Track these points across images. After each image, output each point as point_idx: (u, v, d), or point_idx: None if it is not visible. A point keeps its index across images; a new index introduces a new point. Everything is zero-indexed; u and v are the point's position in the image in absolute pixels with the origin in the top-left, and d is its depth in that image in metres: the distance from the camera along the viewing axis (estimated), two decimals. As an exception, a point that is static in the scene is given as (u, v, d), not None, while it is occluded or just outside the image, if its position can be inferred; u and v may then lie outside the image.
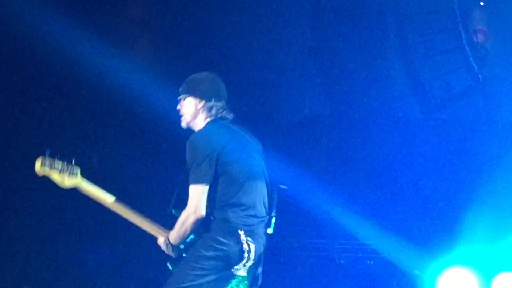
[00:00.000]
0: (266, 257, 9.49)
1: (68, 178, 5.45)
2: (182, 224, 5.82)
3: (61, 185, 5.44)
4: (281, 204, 9.44)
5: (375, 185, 9.68)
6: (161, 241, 6.00)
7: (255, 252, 5.89)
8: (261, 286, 9.53)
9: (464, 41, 9.65)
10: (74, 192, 9.96)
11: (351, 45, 9.72)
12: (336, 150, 9.79)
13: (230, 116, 6.17)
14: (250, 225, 5.90)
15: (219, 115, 6.10)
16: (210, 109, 6.08)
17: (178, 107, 6.17)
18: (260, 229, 5.97)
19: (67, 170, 5.39)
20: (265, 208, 6.05)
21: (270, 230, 6.06)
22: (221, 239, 5.78)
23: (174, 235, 5.89)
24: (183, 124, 6.18)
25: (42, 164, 5.34)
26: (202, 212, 5.79)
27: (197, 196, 5.78)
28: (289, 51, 9.89)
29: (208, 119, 6.11)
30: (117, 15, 10.26)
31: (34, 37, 9.62)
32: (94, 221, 10.09)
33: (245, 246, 5.83)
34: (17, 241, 10.18)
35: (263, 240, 5.99)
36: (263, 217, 6.01)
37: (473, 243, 8.99)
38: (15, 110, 10.09)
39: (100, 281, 10.06)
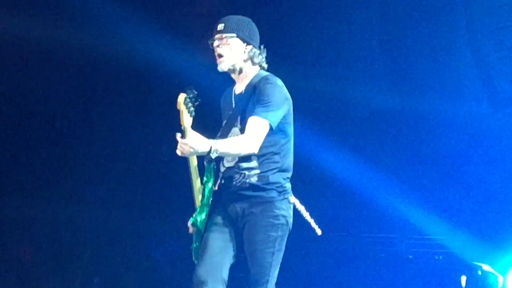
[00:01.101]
0: (335, 252, 9.62)
1: (189, 118, 5.05)
2: (239, 144, 5.26)
3: (182, 124, 5.04)
4: (350, 198, 9.56)
5: (443, 180, 9.60)
6: (204, 142, 5.10)
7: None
8: (331, 280, 9.62)
9: (535, 36, 9.51)
10: (141, 185, 10.19)
11: (420, 40, 9.66)
12: (405, 145, 9.74)
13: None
14: (290, 188, 5.54)
15: (262, 64, 5.56)
16: (257, 56, 5.51)
17: (216, 44, 5.49)
18: None
19: (191, 110, 5.03)
20: None
21: None
22: (280, 212, 5.39)
23: (226, 146, 5.20)
24: (223, 67, 5.48)
25: (185, 102, 4.97)
26: (255, 150, 5.28)
27: (262, 132, 5.28)
28: (357, 45, 9.87)
29: (255, 67, 5.55)
30: (185, 11, 10.35)
31: (103, 35, 9.80)
32: (161, 215, 10.21)
33: (298, 207, 5.50)
34: (87, 234, 10.35)
35: None
36: None
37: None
38: (89, 105, 10.28)
39: (167, 274, 10.17)
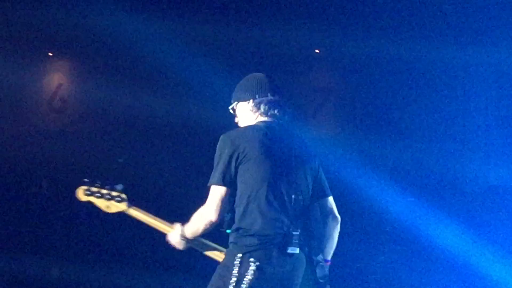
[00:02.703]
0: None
1: (115, 205, 5.21)
2: (195, 222, 5.37)
3: (106, 211, 5.24)
4: (466, 274, 9.42)
5: None
6: (173, 233, 5.42)
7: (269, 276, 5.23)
8: None
9: None
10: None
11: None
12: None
13: (280, 113, 5.55)
14: (249, 246, 5.26)
15: (269, 112, 5.52)
16: (258, 107, 5.51)
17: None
18: (270, 251, 5.26)
19: (114, 197, 5.18)
20: (278, 225, 5.29)
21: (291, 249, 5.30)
22: (232, 266, 5.22)
23: (189, 229, 5.41)
24: None
25: (86, 193, 5.13)
26: (212, 217, 5.28)
27: (212, 198, 5.31)
28: (474, 121, 9.90)
29: (259, 118, 5.57)
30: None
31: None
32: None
33: (250, 269, 5.19)
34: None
35: (278, 262, 5.26)
36: (269, 235, 5.28)
37: None
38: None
39: None
